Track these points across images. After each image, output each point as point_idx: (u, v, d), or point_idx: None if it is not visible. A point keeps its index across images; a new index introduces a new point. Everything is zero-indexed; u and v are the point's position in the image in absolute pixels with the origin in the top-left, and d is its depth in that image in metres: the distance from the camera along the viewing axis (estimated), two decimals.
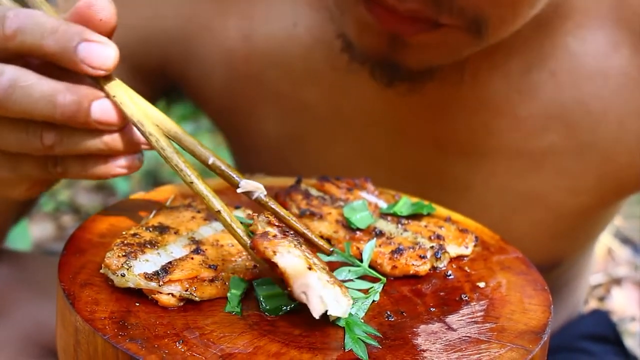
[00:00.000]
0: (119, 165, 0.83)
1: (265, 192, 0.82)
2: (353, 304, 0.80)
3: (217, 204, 0.80)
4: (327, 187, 0.97)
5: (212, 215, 0.79)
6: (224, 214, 0.80)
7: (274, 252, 0.75)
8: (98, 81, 0.80)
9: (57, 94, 0.78)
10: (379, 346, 0.75)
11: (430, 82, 1.04)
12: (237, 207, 0.91)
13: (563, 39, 1.09)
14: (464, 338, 0.77)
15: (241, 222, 0.88)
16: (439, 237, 0.89)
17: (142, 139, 0.81)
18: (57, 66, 0.80)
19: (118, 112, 0.79)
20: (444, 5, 0.90)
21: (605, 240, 2.16)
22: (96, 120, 0.78)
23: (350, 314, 0.77)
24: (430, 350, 0.75)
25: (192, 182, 0.80)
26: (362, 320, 0.78)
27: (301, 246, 0.78)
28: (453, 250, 0.89)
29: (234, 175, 0.82)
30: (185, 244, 0.83)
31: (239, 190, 0.81)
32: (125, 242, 0.81)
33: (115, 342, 0.72)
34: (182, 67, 1.19)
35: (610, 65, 1.09)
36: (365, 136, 1.16)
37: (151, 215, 0.88)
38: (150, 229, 0.84)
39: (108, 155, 0.82)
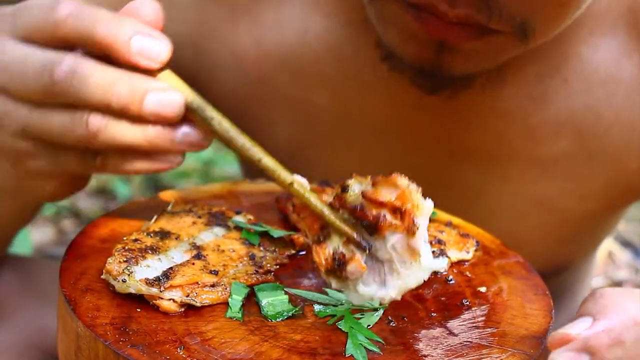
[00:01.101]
0: (159, 160, 0.81)
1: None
2: (363, 313, 0.80)
3: (288, 176, 0.80)
4: (328, 192, 0.97)
5: (285, 189, 0.80)
6: (297, 185, 0.79)
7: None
8: (150, 73, 0.79)
9: (113, 86, 0.77)
10: (380, 352, 0.75)
11: (467, 89, 1.04)
12: (237, 212, 0.91)
13: (576, 47, 1.09)
14: (465, 343, 0.77)
15: (243, 228, 0.89)
16: (439, 241, 0.89)
17: (186, 138, 0.79)
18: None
19: (172, 106, 0.78)
20: (494, 11, 0.90)
21: (605, 244, 2.16)
22: (150, 112, 0.77)
23: (356, 322, 0.78)
24: (432, 356, 0.75)
25: (260, 159, 0.79)
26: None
27: None
28: (454, 255, 0.89)
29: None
30: (187, 249, 0.83)
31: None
32: (127, 247, 0.81)
33: (117, 348, 0.72)
34: (191, 70, 1.19)
35: (621, 72, 1.09)
36: (375, 142, 1.16)
37: (152, 221, 0.88)
38: (152, 235, 0.84)
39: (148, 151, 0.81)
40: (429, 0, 0.91)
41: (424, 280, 0.82)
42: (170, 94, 0.78)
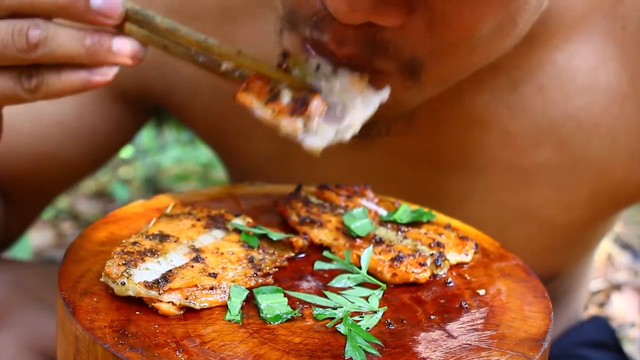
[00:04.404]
0: (94, 74, 0.84)
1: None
2: (362, 316, 0.80)
3: (233, 47, 0.86)
4: (327, 195, 0.97)
5: (233, 59, 0.87)
6: (244, 53, 0.86)
7: None
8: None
9: None
10: (379, 354, 0.75)
11: (384, 135, 1.04)
12: (236, 215, 0.91)
13: (550, 55, 1.08)
14: (464, 346, 0.77)
15: (242, 230, 0.89)
16: (439, 244, 0.89)
17: (121, 48, 0.83)
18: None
19: (116, 4, 0.82)
20: (380, 47, 0.90)
21: (604, 246, 2.16)
22: (97, 7, 0.81)
23: (355, 324, 0.78)
24: (431, 358, 0.75)
25: (206, 38, 0.85)
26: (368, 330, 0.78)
27: None
28: (453, 257, 0.89)
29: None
30: (186, 252, 0.83)
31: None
32: (126, 250, 0.81)
33: (116, 350, 0.72)
34: (165, 91, 1.20)
35: (599, 79, 1.08)
36: (356, 153, 1.16)
37: (151, 224, 0.88)
38: (150, 237, 0.84)
39: (84, 66, 0.84)
40: (320, 39, 0.92)
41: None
42: None
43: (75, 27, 0.84)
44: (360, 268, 0.86)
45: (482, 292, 0.85)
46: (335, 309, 0.80)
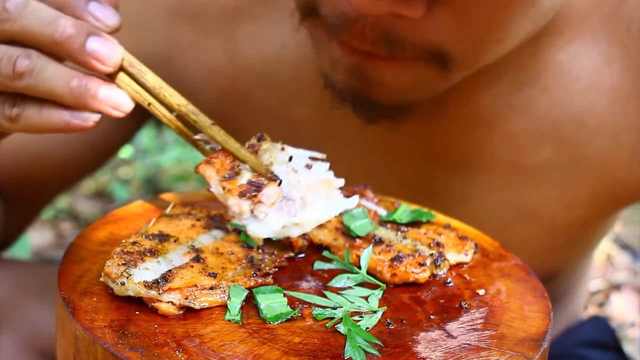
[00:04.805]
0: (74, 117, 0.83)
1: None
2: (361, 316, 0.80)
3: (208, 119, 0.86)
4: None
5: (205, 130, 0.86)
6: (217, 127, 0.86)
7: None
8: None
9: (61, 18, 0.80)
10: (379, 354, 0.75)
11: (409, 120, 1.04)
12: None
13: (555, 55, 1.08)
14: (463, 345, 0.77)
15: (242, 231, 0.89)
16: (438, 244, 0.89)
17: (107, 97, 0.82)
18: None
19: (112, 52, 0.82)
20: (396, 45, 0.91)
21: (604, 246, 2.16)
22: (90, 51, 0.80)
23: (354, 324, 0.78)
24: (431, 358, 0.75)
25: (187, 104, 0.86)
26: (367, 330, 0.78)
27: None
28: (453, 257, 0.89)
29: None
30: (185, 252, 0.83)
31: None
32: (125, 250, 0.81)
33: (115, 350, 0.72)
34: None
35: (602, 80, 1.09)
36: (356, 152, 1.16)
37: (151, 224, 0.88)
38: (150, 237, 0.84)
39: (67, 106, 0.83)
40: (344, 36, 0.93)
41: (335, 216, 0.87)
42: (112, 41, 0.82)
43: (71, 67, 0.82)
44: (359, 268, 0.86)
45: (481, 292, 0.85)
46: (334, 309, 0.81)
